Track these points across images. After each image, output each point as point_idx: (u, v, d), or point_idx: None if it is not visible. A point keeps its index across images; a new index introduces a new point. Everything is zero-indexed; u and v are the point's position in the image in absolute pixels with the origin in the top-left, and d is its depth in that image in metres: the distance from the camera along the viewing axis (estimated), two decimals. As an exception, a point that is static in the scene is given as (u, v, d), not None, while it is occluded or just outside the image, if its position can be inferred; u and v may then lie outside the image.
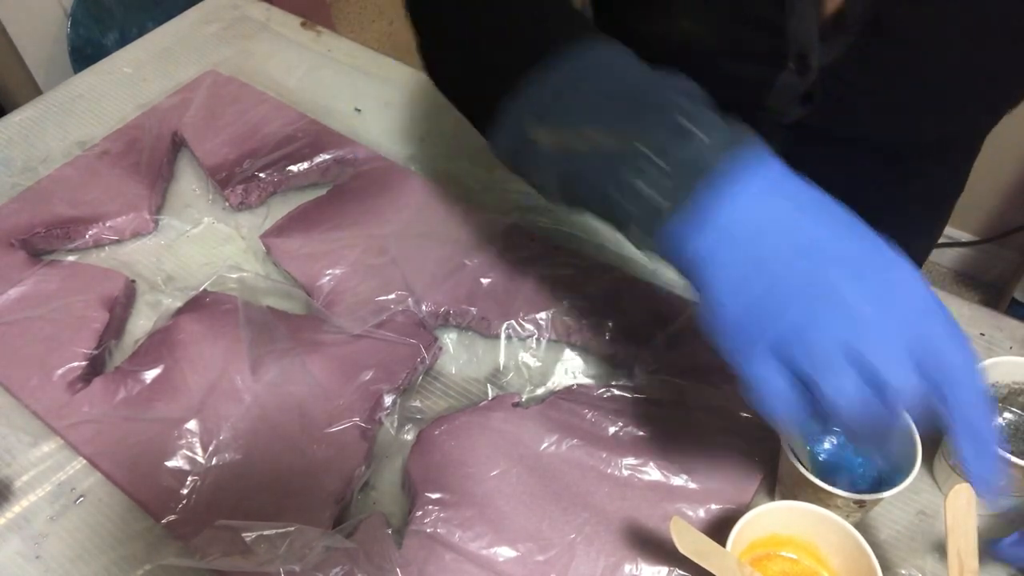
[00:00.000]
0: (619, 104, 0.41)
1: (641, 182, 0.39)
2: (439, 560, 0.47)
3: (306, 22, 0.89)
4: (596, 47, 0.44)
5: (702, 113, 0.40)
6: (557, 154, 0.43)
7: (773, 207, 0.38)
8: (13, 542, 0.51)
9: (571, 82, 0.43)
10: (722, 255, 0.37)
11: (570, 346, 0.60)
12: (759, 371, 0.36)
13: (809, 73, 0.56)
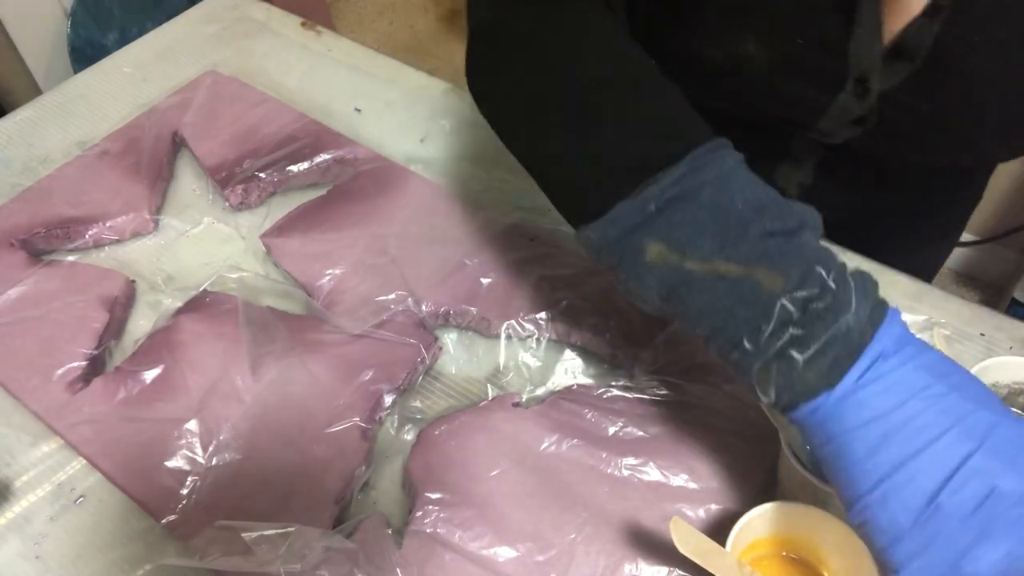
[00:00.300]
0: (753, 237, 0.40)
1: (783, 344, 0.39)
2: (439, 560, 0.47)
3: (306, 22, 0.89)
4: (720, 157, 0.42)
5: (839, 265, 0.41)
6: (672, 273, 0.41)
7: (920, 389, 0.38)
8: (13, 542, 0.51)
9: (695, 197, 0.41)
10: (870, 439, 0.38)
11: (570, 346, 0.60)
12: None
13: (868, 97, 0.55)
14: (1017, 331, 0.59)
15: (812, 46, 0.55)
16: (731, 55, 0.58)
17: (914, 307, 0.61)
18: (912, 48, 0.51)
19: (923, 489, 0.35)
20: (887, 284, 0.63)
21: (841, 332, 0.38)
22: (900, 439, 0.37)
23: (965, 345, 0.59)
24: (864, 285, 0.40)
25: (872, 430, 0.37)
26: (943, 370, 0.39)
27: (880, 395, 0.37)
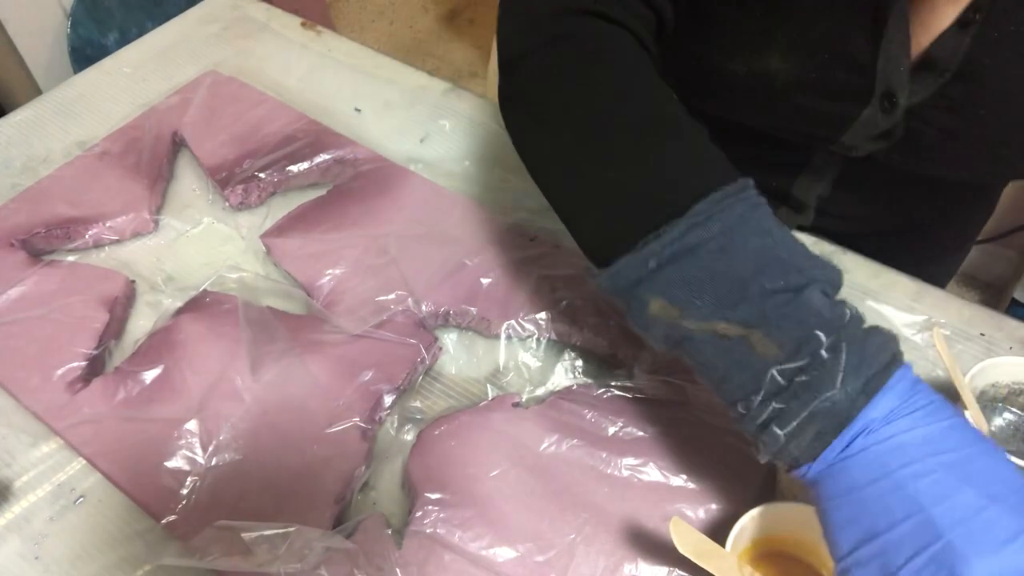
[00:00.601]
0: (752, 297, 0.40)
1: (767, 417, 0.39)
2: (439, 560, 0.47)
3: (306, 22, 0.89)
4: (728, 207, 0.41)
5: (843, 328, 0.39)
6: (673, 328, 0.42)
7: (907, 464, 0.37)
8: (13, 542, 0.51)
9: (695, 255, 0.41)
10: (846, 509, 0.38)
11: (570, 346, 0.60)
12: None
13: (895, 112, 0.55)
14: (1017, 331, 0.59)
15: (839, 62, 0.54)
16: (754, 70, 0.58)
17: (914, 307, 0.61)
18: (942, 61, 0.51)
19: (884, 567, 0.36)
20: (887, 284, 0.63)
21: (824, 408, 0.38)
22: (871, 515, 0.37)
23: (965, 345, 0.59)
24: (864, 350, 0.39)
25: (848, 501, 0.38)
26: (938, 445, 0.37)
27: (861, 468, 0.37)
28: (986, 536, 0.35)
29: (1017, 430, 0.51)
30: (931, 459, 0.36)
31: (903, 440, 0.37)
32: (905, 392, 0.38)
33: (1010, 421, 0.52)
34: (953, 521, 0.35)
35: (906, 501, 0.36)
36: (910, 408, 0.38)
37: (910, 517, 0.36)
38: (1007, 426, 0.52)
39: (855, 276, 0.63)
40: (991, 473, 0.37)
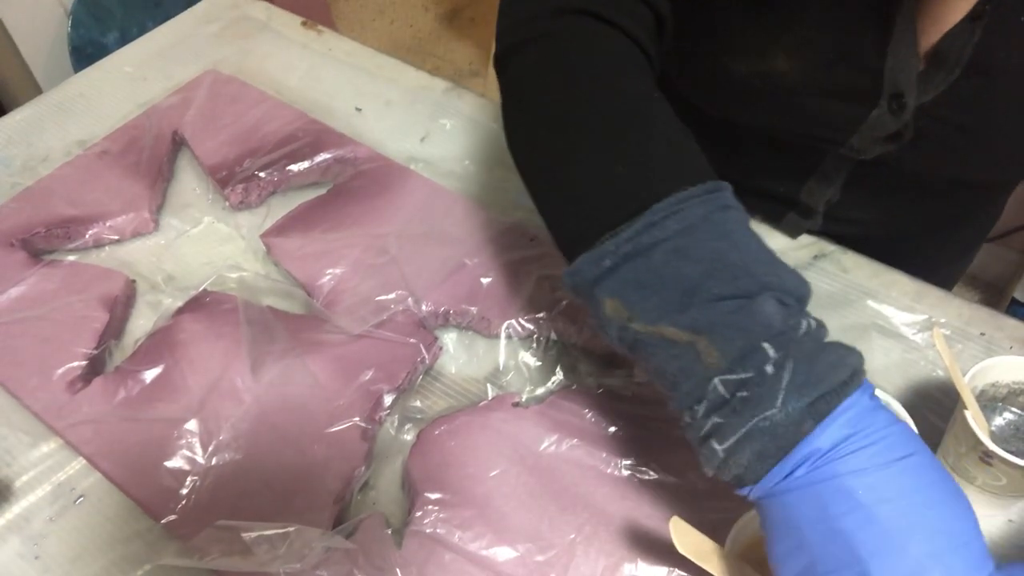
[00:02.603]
0: (700, 302, 0.38)
1: (708, 431, 0.37)
2: (439, 560, 0.47)
3: (306, 21, 0.89)
4: (688, 208, 0.40)
5: (794, 342, 0.37)
6: (626, 330, 0.41)
7: (840, 492, 0.35)
8: (13, 542, 0.51)
9: (648, 256, 0.40)
10: (786, 542, 0.36)
11: (570, 346, 0.60)
12: None
13: (904, 113, 0.54)
14: (1017, 331, 0.59)
15: (845, 63, 0.54)
16: (760, 71, 0.57)
17: (914, 307, 0.61)
18: (952, 57, 0.50)
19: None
20: (887, 284, 0.63)
21: (763, 427, 0.36)
22: (810, 555, 0.35)
23: (965, 345, 0.59)
24: (814, 367, 0.36)
25: (789, 534, 0.36)
26: (886, 490, 0.35)
27: (804, 505, 0.35)
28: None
29: (1017, 430, 0.51)
30: (878, 507, 0.34)
31: (849, 483, 0.35)
32: (858, 420, 0.36)
33: (1010, 421, 0.52)
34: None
35: (846, 551, 0.34)
36: (862, 441, 0.35)
37: (848, 568, 0.34)
38: (1007, 426, 0.52)
39: (855, 276, 0.63)
40: (940, 525, 0.34)
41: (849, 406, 0.36)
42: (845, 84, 0.55)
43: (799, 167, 0.65)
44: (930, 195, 0.65)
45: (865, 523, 0.34)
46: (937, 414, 0.54)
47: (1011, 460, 0.45)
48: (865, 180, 0.64)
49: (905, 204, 0.67)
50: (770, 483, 0.36)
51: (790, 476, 0.36)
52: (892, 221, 0.69)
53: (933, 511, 0.35)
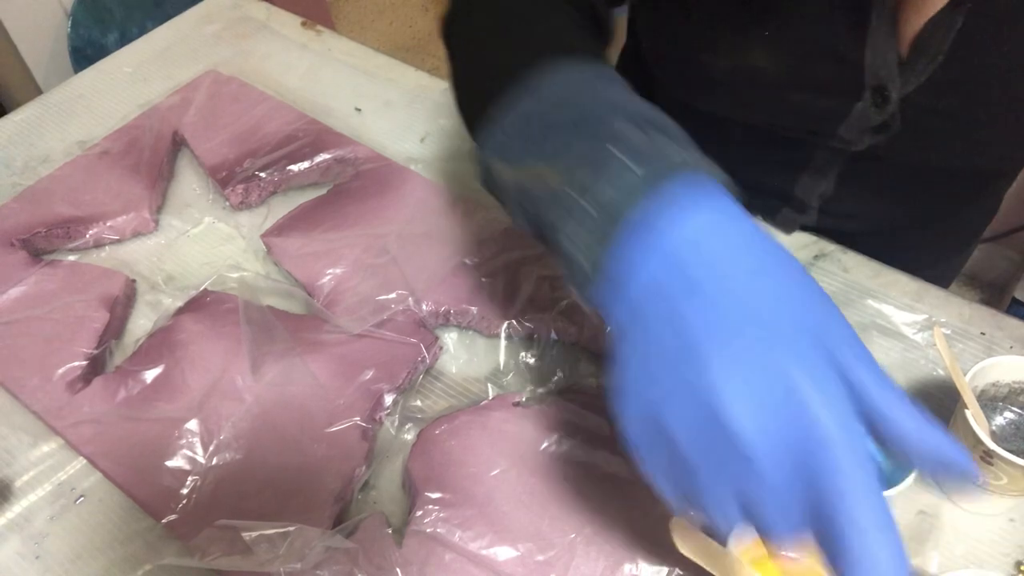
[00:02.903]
0: (564, 136, 0.37)
1: (567, 231, 0.34)
2: (439, 560, 0.47)
3: (306, 22, 0.89)
4: (569, 71, 0.40)
5: (641, 140, 0.35)
6: (517, 191, 0.39)
7: (689, 273, 0.32)
8: (13, 542, 0.51)
9: (528, 113, 0.40)
10: (633, 337, 0.33)
11: (570, 346, 0.60)
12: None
13: (888, 105, 0.54)
14: (1017, 331, 0.59)
15: (824, 57, 0.54)
16: (739, 66, 0.58)
17: (914, 307, 0.61)
18: (934, 45, 0.50)
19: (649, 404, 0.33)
20: (887, 283, 0.63)
21: (606, 200, 0.33)
22: (644, 351, 0.33)
23: (965, 345, 0.59)
24: (661, 161, 0.33)
25: (631, 336, 0.34)
26: (736, 278, 0.32)
27: (645, 298, 0.33)
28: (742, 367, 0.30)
29: (1018, 429, 0.51)
30: (721, 295, 0.31)
31: (695, 274, 0.32)
32: (712, 218, 0.33)
33: (1010, 420, 0.52)
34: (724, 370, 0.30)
35: (684, 338, 0.31)
36: (714, 237, 0.33)
37: (686, 354, 0.31)
38: (1008, 425, 0.52)
39: (855, 276, 0.63)
40: (787, 312, 0.31)
41: (701, 201, 0.33)
42: (825, 78, 0.55)
43: (792, 161, 0.65)
44: (923, 186, 0.65)
45: (706, 308, 0.31)
46: (937, 414, 0.54)
47: (1012, 459, 0.45)
48: (858, 173, 0.64)
49: (899, 196, 0.67)
50: (616, 275, 0.33)
51: (637, 271, 0.33)
52: (886, 214, 0.69)
53: (782, 299, 0.32)
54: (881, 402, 0.31)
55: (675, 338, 0.32)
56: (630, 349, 0.34)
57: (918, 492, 0.52)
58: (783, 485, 0.31)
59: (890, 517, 0.30)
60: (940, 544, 0.50)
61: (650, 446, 0.35)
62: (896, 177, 0.64)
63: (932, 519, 0.51)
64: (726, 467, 0.31)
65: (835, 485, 0.30)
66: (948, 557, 0.49)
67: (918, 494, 0.52)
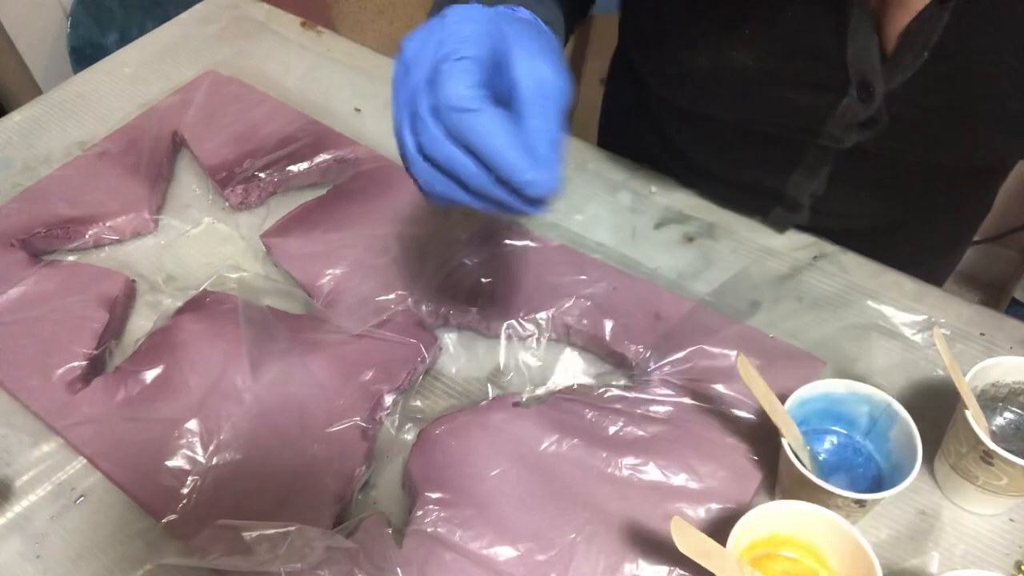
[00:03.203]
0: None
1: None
2: (439, 560, 0.47)
3: (306, 22, 0.89)
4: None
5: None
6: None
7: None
8: (13, 542, 0.51)
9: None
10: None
11: (570, 346, 0.60)
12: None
13: (873, 101, 0.54)
14: (1017, 331, 0.59)
15: (806, 55, 0.54)
16: (720, 65, 0.58)
17: (914, 307, 0.61)
18: (920, 41, 0.50)
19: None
20: (887, 284, 0.63)
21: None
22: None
23: (965, 345, 0.59)
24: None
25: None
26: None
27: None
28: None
29: (1018, 429, 0.51)
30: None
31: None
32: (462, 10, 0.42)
33: (1010, 421, 0.52)
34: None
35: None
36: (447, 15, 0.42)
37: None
38: (1007, 425, 0.52)
39: (855, 276, 0.63)
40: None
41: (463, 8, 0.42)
42: (809, 75, 0.55)
43: (783, 160, 0.66)
44: (915, 184, 0.65)
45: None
46: (937, 414, 0.54)
47: (1012, 460, 0.45)
48: (849, 171, 0.64)
49: (890, 194, 0.67)
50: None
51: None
52: (878, 212, 0.69)
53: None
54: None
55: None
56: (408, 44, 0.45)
57: (918, 492, 0.52)
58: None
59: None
60: (940, 544, 0.50)
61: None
62: (887, 175, 0.64)
63: (932, 519, 0.51)
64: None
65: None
66: (948, 557, 0.49)
67: (918, 494, 0.52)
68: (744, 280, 0.63)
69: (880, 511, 0.51)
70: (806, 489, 0.46)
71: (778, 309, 0.61)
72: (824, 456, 0.50)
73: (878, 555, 0.42)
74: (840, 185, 0.65)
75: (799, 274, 0.63)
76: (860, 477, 0.49)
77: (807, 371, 0.56)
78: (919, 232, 0.72)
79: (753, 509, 0.44)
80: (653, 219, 0.68)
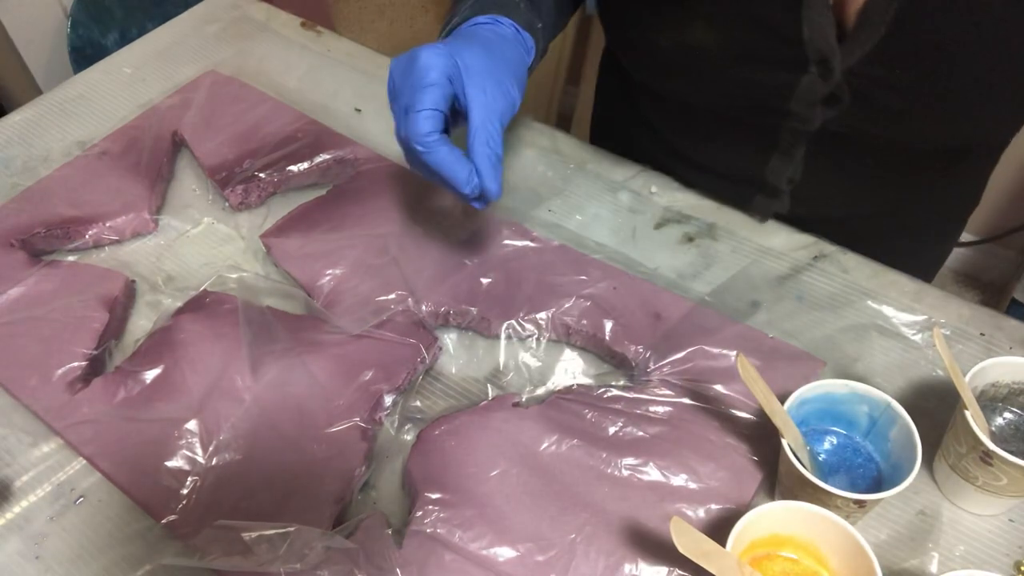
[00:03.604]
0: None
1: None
2: (439, 560, 0.47)
3: (306, 22, 0.89)
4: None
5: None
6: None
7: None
8: (13, 542, 0.51)
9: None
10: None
11: (570, 346, 0.60)
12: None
13: (832, 76, 0.55)
14: (1017, 331, 0.59)
15: (763, 33, 0.55)
16: (682, 43, 0.59)
17: (914, 307, 0.61)
18: (876, 16, 0.51)
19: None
20: (887, 284, 0.63)
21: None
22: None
23: (965, 345, 0.59)
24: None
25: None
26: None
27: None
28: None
29: (1017, 430, 0.51)
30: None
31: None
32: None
33: (1010, 421, 0.52)
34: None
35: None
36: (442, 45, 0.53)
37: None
38: (1007, 426, 0.52)
39: (855, 276, 0.63)
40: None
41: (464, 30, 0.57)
42: (768, 52, 0.56)
43: (759, 144, 0.66)
44: (890, 167, 0.66)
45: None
46: (937, 414, 0.54)
47: (1011, 460, 0.45)
48: (824, 155, 0.64)
49: (867, 177, 0.67)
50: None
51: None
52: (857, 198, 0.69)
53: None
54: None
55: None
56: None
57: (918, 492, 0.52)
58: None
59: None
60: (940, 544, 0.50)
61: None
62: (861, 157, 0.65)
63: (932, 519, 0.51)
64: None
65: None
66: (948, 557, 0.49)
67: (918, 494, 0.52)
68: (744, 280, 0.63)
69: (880, 511, 0.51)
70: (806, 489, 0.46)
71: (778, 309, 0.61)
72: (824, 456, 0.50)
73: (878, 555, 0.42)
74: (817, 171, 0.66)
75: (799, 274, 0.63)
76: (860, 477, 0.49)
77: (807, 371, 0.56)
78: (904, 222, 0.72)
79: (753, 509, 0.44)
80: (653, 219, 0.68)
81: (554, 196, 0.70)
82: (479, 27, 0.57)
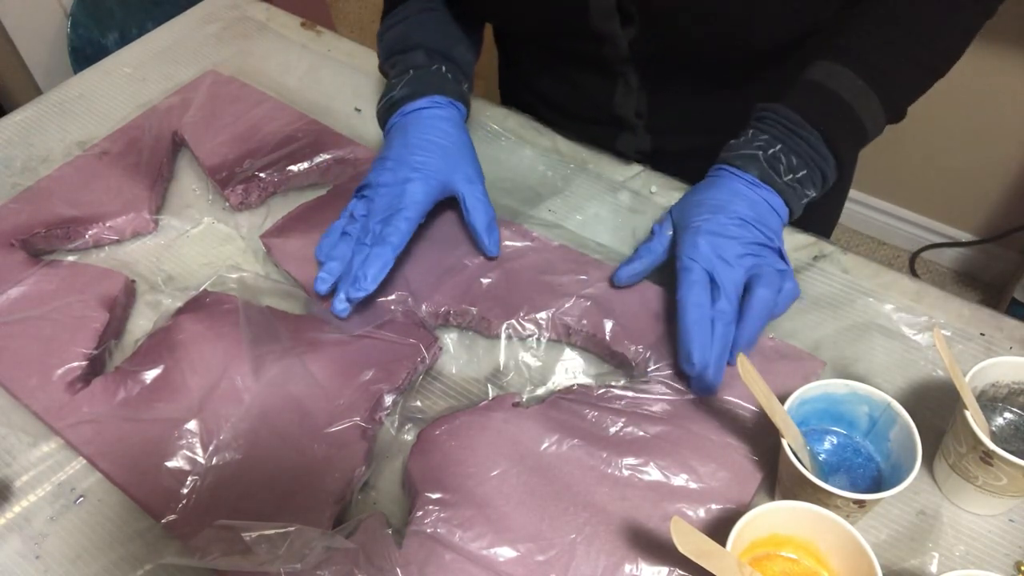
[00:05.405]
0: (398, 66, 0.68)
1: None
2: (439, 560, 0.47)
3: (306, 22, 0.89)
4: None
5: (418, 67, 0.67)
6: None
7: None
8: (13, 542, 0.51)
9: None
10: (387, 142, 0.67)
11: (570, 346, 0.60)
12: None
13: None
14: (1017, 331, 0.59)
15: None
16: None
17: (914, 307, 0.61)
18: None
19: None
20: (887, 284, 0.63)
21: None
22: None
23: (965, 345, 0.59)
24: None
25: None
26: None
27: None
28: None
29: (1017, 430, 0.51)
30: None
31: (401, 122, 0.65)
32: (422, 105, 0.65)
33: (1010, 421, 0.52)
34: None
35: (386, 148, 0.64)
36: (418, 111, 0.65)
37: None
38: (1007, 426, 0.52)
39: (855, 276, 0.63)
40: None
41: (423, 103, 0.65)
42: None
43: (599, 79, 0.71)
44: (719, 83, 0.68)
45: (393, 137, 0.65)
46: (937, 414, 0.54)
47: (1011, 460, 0.45)
48: (657, 81, 0.69)
49: (709, 102, 0.70)
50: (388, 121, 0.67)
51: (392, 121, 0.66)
52: (709, 126, 0.68)
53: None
54: None
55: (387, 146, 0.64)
56: (385, 145, 0.65)
57: (918, 492, 0.52)
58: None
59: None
60: (940, 544, 0.50)
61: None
62: (694, 82, 0.68)
63: (932, 519, 0.51)
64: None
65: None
66: (948, 557, 0.49)
67: (918, 494, 0.52)
68: (744, 280, 0.63)
69: (880, 511, 0.51)
70: (806, 489, 0.46)
71: (778, 309, 0.61)
72: (824, 456, 0.50)
73: (878, 555, 0.42)
74: (661, 101, 0.70)
75: (799, 274, 0.63)
76: (860, 477, 0.49)
77: (807, 371, 0.56)
78: None
79: (753, 509, 0.44)
80: (653, 219, 0.68)
81: (554, 196, 0.70)
82: (424, 117, 0.64)
